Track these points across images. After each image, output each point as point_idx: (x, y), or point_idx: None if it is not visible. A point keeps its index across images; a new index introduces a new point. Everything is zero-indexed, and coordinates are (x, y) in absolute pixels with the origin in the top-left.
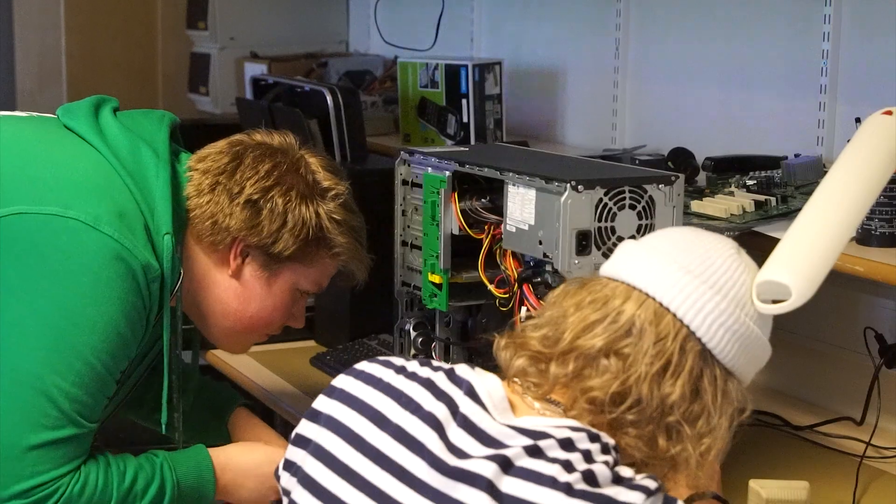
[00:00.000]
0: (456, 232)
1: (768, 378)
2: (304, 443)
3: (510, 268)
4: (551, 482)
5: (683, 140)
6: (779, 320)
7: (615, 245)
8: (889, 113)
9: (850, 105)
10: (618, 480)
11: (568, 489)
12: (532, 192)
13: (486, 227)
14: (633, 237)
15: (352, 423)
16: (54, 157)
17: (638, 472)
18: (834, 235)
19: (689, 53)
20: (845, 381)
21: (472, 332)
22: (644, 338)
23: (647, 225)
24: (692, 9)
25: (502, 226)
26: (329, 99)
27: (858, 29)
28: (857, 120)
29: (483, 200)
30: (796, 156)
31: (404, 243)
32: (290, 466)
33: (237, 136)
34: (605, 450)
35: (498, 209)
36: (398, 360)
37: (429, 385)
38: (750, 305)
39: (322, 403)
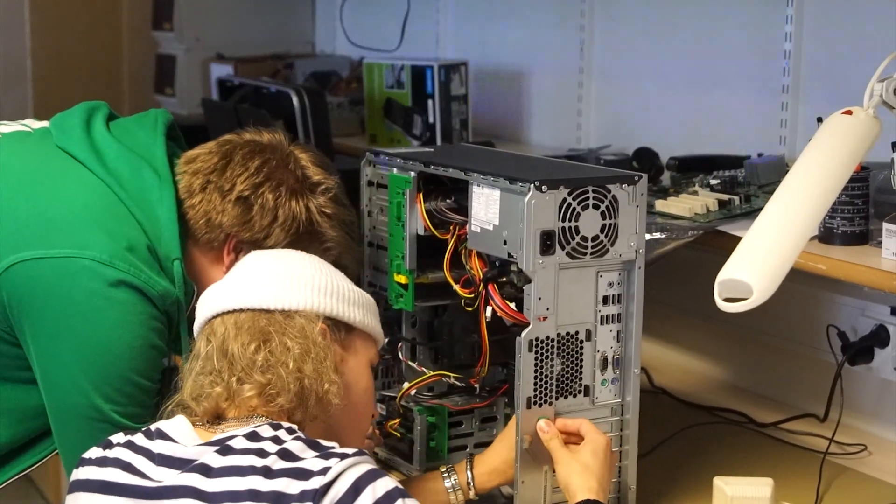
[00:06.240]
0: (421, 232)
1: (732, 375)
2: None
3: (475, 268)
4: (251, 470)
5: (648, 140)
6: (742, 318)
7: (579, 245)
8: (849, 113)
9: (812, 105)
10: (315, 446)
11: (266, 472)
12: (496, 193)
13: (451, 228)
14: (596, 237)
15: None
16: (60, 195)
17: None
18: (795, 234)
19: (654, 53)
20: (808, 378)
21: (438, 331)
22: None
23: (610, 224)
24: (656, 9)
25: (467, 226)
26: (295, 100)
27: (820, 29)
28: (819, 119)
29: (448, 201)
30: (759, 155)
31: (370, 244)
32: None
33: (226, 136)
34: (291, 431)
35: (463, 209)
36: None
37: (128, 445)
38: None
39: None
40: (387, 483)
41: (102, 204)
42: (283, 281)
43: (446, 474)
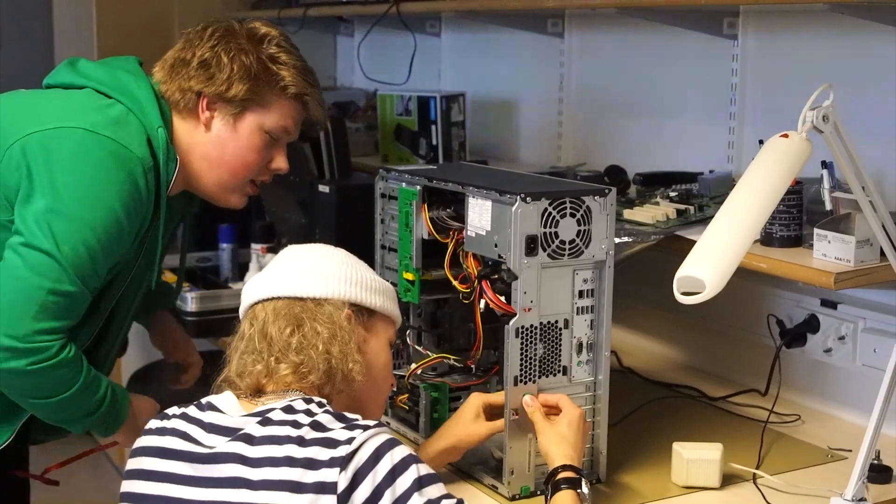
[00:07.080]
0: (426, 237)
1: (688, 356)
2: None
3: (471, 267)
4: (287, 439)
5: (617, 159)
6: (696, 309)
7: (559, 247)
8: (786, 136)
9: (755, 129)
10: (341, 419)
11: (300, 441)
12: (489, 203)
13: (451, 233)
14: (573, 241)
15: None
16: (51, 96)
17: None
18: (741, 238)
19: (623, 86)
20: (752, 359)
21: (440, 320)
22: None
23: (585, 230)
24: (624, 48)
25: (464, 231)
26: None
27: (761, 66)
28: (760, 141)
29: (448, 210)
30: (711, 171)
31: (383, 247)
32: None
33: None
34: (321, 405)
35: (461, 217)
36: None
37: (183, 416)
38: None
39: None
40: (403, 450)
41: (87, 97)
42: (314, 272)
43: None
